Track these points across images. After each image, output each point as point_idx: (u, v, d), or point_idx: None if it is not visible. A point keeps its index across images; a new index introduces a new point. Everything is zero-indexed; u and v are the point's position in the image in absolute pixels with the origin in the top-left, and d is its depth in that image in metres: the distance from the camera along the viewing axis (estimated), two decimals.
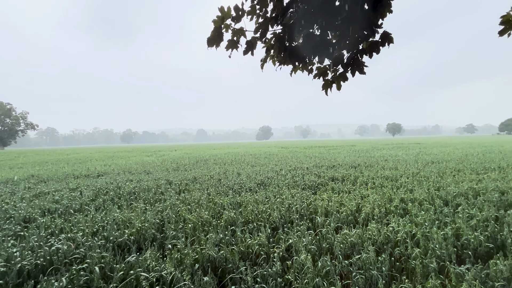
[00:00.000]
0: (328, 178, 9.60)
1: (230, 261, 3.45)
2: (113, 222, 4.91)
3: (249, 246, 3.94)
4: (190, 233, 4.39)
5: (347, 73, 3.55)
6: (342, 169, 11.85)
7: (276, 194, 7.13)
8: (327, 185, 8.42)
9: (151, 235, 4.32)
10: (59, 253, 3.62)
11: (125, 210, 5.83)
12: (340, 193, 7.34)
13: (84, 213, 5.85)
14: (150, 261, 3.27)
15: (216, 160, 17.96)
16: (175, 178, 10.30)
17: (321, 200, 6.48)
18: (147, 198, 6.94)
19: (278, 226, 4.92)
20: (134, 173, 12.76)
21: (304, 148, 33.03)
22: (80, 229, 4.62)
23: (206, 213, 5.33)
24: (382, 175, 9.70)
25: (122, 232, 4.38)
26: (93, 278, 2.98)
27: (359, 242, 4.12)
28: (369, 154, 20.48)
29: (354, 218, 5.44)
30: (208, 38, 2.57)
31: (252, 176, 10.18)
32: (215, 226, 4.71)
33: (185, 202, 6.43)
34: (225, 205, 6.06)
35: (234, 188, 8.12)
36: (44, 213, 6.02)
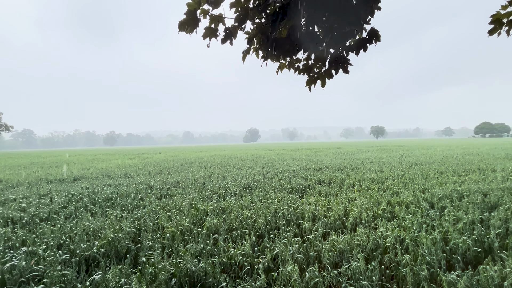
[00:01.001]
0: (315, 181, 9.47)
1: (211, 275, 3.14)
2: (83, 233, 4.46)
3: (232, 256, 3.65)
4: (168, 244, 4.04)
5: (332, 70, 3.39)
6: (329, 171, 11.79)
7: (262, 199, 6.87)
8: (314, 188, 8.27)
9: (125, 246, 3.93)
10: (14, 271, 3.18)
11: (98, 218, 5.38)
12: (327, 197, 7.19)
13: (51, 223, 5.34)
14: (119, 278, 2.91)
15: (201, 163, 17.50)
16: (157, 182, 9.82)
17: (308, 204, 6.29)
18: (125, 205, 6.48)
19: (263, 233, 4.66)
20: (114, 177, 12.11)
21: (291, 151, 33.06)
22: (44, 241, 4.15)
23: (187, 220, 4.98)
24: (368, 178, 9.69)
25: (92, 243, 3.96)
26: None
27: (348, 249, 3.93)
28: (354, 157, 20.70)
29: (342, 222, 5.28)
30: (180, 21, 2.29)
31: (238, 180, 9.87)
32: (196, 235, 4.38)
33: (165, 209, 6.05)
34: (208, 211, 5.73)
35: (219, 192, 7.79)
36: (6, 223, 5.45)
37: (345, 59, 3.11)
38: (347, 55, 3.18)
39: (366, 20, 2.89)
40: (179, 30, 2.31)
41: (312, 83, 3.50)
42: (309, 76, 3.53)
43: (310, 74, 3.52)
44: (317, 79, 3.52)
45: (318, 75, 3.44)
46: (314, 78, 3.49)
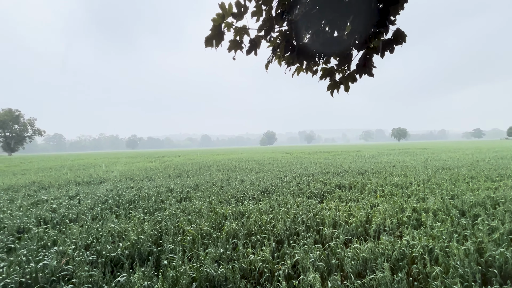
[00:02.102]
0: (334, 185, 9.24)
1: (231, 280, 3.14)
2: (108, 234, 4.64)
3: (252, 262, 3.62)
4: (188, 247, 4.10)
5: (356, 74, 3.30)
6: (349, 175, 11.46)
7: (280, 203, 6.80)
8: (333, 193, 8.07)
9: (147, 249, 4.03)
10: (46, 270, 3.36)
11: (122, 220, 5.57)
12: (348, 202, 6.98)
13: (79, 223, 5.61)
14: (142, 281, 2.98)
15: (219, 167, 17.70)
16: (177, 185, 10.05)
17: (328, 210, 6.14)
18: (147, 207, 6.68)
19: (283, 239, 4.59)
20: (136, 179, 12.55)
21: (309, 154, 32.60)
22: (73, 242, 4.36)
23: (207, 224, 5.03)
24: (391, 182, 9.30)
25: (117, 245, 4.10)
26: None
27: (372, 258, 3.78)
28: (375, 160, 20.01)
29: (364, 229, 5.09)
30: (207, 37, 2.32)
31: (255, 183, 9.86)
32: (215, 239, 4.41)
33: (185, 212, 6.15)
34: (227, 215, 5.75)
35: (237, 196, 7.82)
36: (39, 223, 5.79)
37: (370, 62, 3.02)
38: (371, 58, 3.08)
39: (392, 20, 2.79)
40: (205, 46, 2.35)
41: (334, 88, 3.42)
42: (331, 80, 3.46)
43: (332, 79, 3.44)
44: (340, 84, 3.44)
45: (341, 79, 3.35)
46: (336, 83, 3.41)
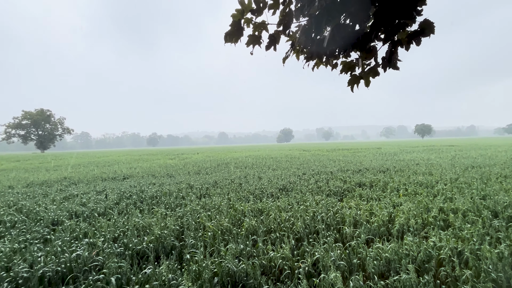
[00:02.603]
0: (354, 183, 9.02)
1: (252, 276, 3.18)
2: (134, 228, 4.86)
3: (272, 259, 3.65)
4: (209, 242, 4.20)
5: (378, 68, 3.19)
6: (370, 173, 11.14)
7: (299, 201, 6.76)
8: (354, 191, 7.89)
9: (170, 243, 4.18)
10: (79, 260, 3.59)
11: (146, 215, 5.81)
12: (369, 201, 6.80)
13: (107, 217, 5.92)
14: (167, 274, 3.10)
15: (237, 164, 17.87)
16: (196, 182, 10.28)
17: (348, 208, 6.02)
18: (168, 203, 6.91)
19: (302, 237, 4.57)
20: (157, 176, 12.99)
21: (327, 151, 32.02)
22: (102, 235, 4.61)
23: (226, 220, 5.12)
24: (415, 181, 8.92)
25: (142, 239, 4.30)
26: None
27: (395, 259, 3.66)
28: (397, 157, 19.27)
29: (387, 229, 4.94)
30: (226, 33, 2.35)
31: (273, 181, 9.86)
32: (235, 235, 4.48)
33: (205, 208, 6.29)
34: (245, 212, 5.82)
35: (255, 193, 7.87)
36: (71, 216, 6.18)
37: (395, 55, 2.90)
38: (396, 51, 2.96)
39: (419, 11, 2.66)
40: (225, 41, 2.38)
41: (355, 83, 3.33)
42: (351, 75, 3.37)
43: (353, 73, 3.35)
44: (360, 79, 3.34)
45: (362, 73, 3.26)
46: (357, 77, 3.32)
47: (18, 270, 3.40)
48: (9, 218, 5.94)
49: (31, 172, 17.02)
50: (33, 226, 5.42)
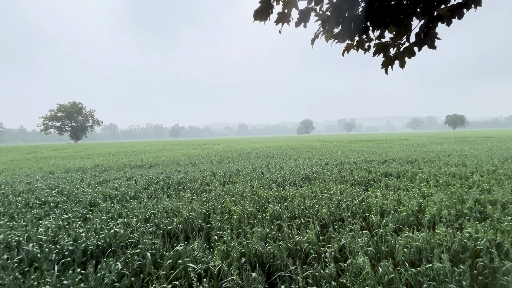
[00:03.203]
0: (380, 174, 8.73)
1: (278, 258, 3.23)
2: (163, 210, 5.11)
3: (297, 243, 3.67)
4: (235, 225, 4.31)
5: (414, 47, 3.00)
6: (396, 164, 10.70)
7: (323, 189, 6.69)
8: (379, 182, 7.64)
9: (198, 225, 4.35)
10: (117, 237, 3.85)
11: (173, 199, 6.07)
12: (396, 191, 6.57)
13: (138, 200, 6.26)
14: (197, 252, 3.24)
15: (257, 154, 17.97)
16: (219, 170, 10.51)
17: (374, 198, 5.86)
18: (194, 188, 7.15)
19: (327, 224, 4.55)
20: (182, 164, 13.44)
21: (350, 142, 31.13)
22: (135, 215, 4.90)
23: (251, 205, 5.21)
24: (447, 172, 8.45)
25: (171, 220, 4.51)
26: (145, 264, 3.06)
27: (427, 248, 3.53)
28: (426, 149, 18.28)
29: (417, 219, 4.76)
30: (256, 10, 2.33)
31: (295, 170, 9.82)
32: (260, 219, 4.55)
33: (229, 194, 6.44)
34: (269, 198, 5.87)
35: (278, 181, 7.90)
36: (105, 199, 6.61)
37: (433, 32, 2.71)
38: (435, 27, 2.76)
39: None
40: (254, 19, 2.36)
41: (389, 65, 3.17)
42: (385, 56, 3.21)
43: (386, 54, 3.19)
44: (395, 59, 3.18)
45: (397, 54, 3.09)
46: (391, 59, 3.15)
47: (64, 244, 3.73)
48: (52, 199, 6.49)
49: (67, 160, 18.35)
50: (73, 207, 5.88)
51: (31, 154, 25.92)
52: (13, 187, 8.37)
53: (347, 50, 3.55)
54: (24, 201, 6.45)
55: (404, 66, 3.16)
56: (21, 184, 8.82)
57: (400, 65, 3.16)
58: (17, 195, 7.15)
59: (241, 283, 2.57)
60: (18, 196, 7.00)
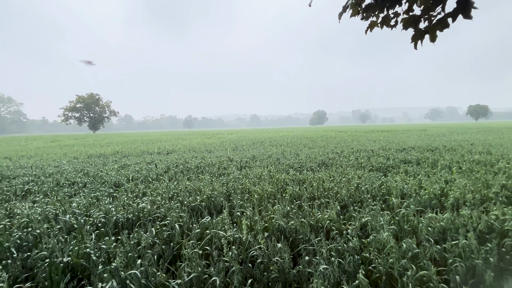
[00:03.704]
0: (399, 160, 8.57)
1: (301, 233, 3.31)
2: (185, 190, 5.29)
3: (319, 220, 3.73)
4: (256, 204, 4.42)
5: (448, 18, 2.88)
6: (415, 152, 10.44)
7: (340, 174, 6.67)
8: (398, 168, 7.51)
9: (220, 202, 4.49)
10: (144, 211, 4.05)
11: (194, 181, 6.25)
12: (416, 177, 6.44)
13: (160, 182, 6.50)
14: (222, 225, 3.37)
15: (272, 142, 18.00)
16: (235, 156, 10.66)
17: (394, 182, 5.79)
18: (212, 172, 7.32)
19: (347, 205, 4.57)
20: (198, 151, 13.71)
21: (365, 132, 30.48)
22: (159, 194, 5.11)
23: (270, 187, 5.29)
24: (471, 159, 8.17)
25: (194, 198, 4.67)
26: (174, 234, 3.22)
27: (451, 228, 3.50)
28: (447, 138, 17.63)
29: (439, 202, 4.68)
30: None
31: (311, 157, 9.81)
32: (279, 199, 4.64)
33: (247, 177, 6.55)
34: (287, 181, 5.93)
35: (294, 166, 7.94)
36: (128, 180, 6.90)
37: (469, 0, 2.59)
38: None
39: None
40: None
41: (419, 39, 3.07)
42: (415, 30, 3.11)
43: (417, 28, 3.09)
44: (425, 33, 3.07)
45: (428, 27, 2.98)
46: (422, 32, 3.05)
47: (96, 216, 3.98)
48: (80, 180, 6.85)
49: (89, 147, 19.14)
50: (100, 187, 6.20)
51: (55, 142, 27.20)
52: (43, 169, 8.88)
53: (370, 28, 3.46)
54: (55, 181, 6.85)
55: (435, 40, 3.05)
56: (50, 167, 9.34)
57: (431, 39, 3.06)
58: (47, 176, 7.60)
59: (268, 252, 2.67)
60: (49, 177, 7.44)
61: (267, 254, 2.64)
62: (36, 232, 3.41)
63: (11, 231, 3.49)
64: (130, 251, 2.83)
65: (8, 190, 6.11)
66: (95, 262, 2.65)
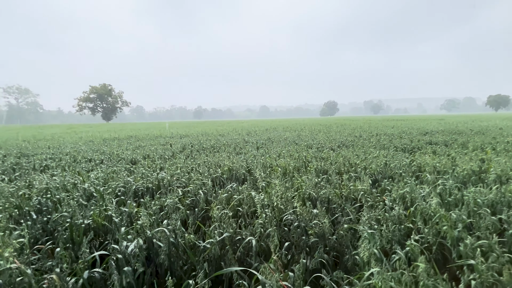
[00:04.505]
0: (424, 142, 8.09)
1: (334, 202, 3.04)
2: (204, 164, 5.10)
3: (351, 191, 3.45)
4: (280, 176, 4.17)
5: None
6: (440, 135, 9.88)
7: (364, 153, 6.32)
8: (425, 149, 7.07)
9: (242, 174, 4.27)
10: (164, 181, 3.88)
11: (212, 157, 6.06)
12: (447, 156, 6.01)
13: (175, 160, 6.35)
14: (248, 191, 3.14)
15: (285, 128, 17.65)
16: (250, 138, 10.42)
17: (424, 160, 5.40)
18: (229, 151, 7.11)
19: (378, 179, 4.25)
20: (211, 135, 13.56)
21: (379, 121, 29.58)
22: (177, 167, 4.94)
23: (293, 161, 5.02)
24: (505, 141, 7.60)
25: (215, 170, 4.47)
26: (198, 200, 3.02)
27: (503, 201, 3.14)
28: (469, 126, 16.76)
29: (479, 179, 4.29)
30: None
31: (330, 138, 9.44)
32: (304, 172, 4.37)
33: (265, 155, 6.30)
34: (309, 158, 5.64)
35: (313, 147, 7.62)
36: (145, 158, 6.79)
37: None
38: None
39: None
40: None
41: None
42: None
43: None
44: None
45: None
46: None
47: (116, 186, 3.83)
48: (96, 157, 6.80)
49: (103, 133, 19.37)
50: (117, 163, 6.10)
51: (71, 129, 27.80)
52: (60, 149, 8.93)
53: None
54: (72, 158, 6.82)
55: None
56: (67, 148, 9.40)
57: None
58: (65, 155, 7.60)
59: (304, 217, 2.42)
60: (66, 156, 7.44)
61: (303, 218, 2.39)
62: (56, 198, 3.30)
63: (30, 197, 3.39)
64: (154, 214, 2.65)
65: (27, 165, 6.11)
66: (117, 224, 2.48)
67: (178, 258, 1.95)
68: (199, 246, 2.01)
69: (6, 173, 5.41)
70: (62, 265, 1.83)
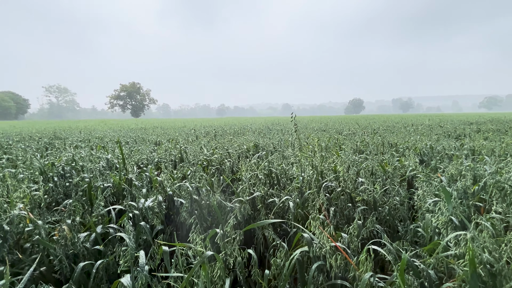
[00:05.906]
0: (471, 130, 7.21)
1: (379, 176, 2.62)
2: (228, 143, 4.86)
3: (397, 167, 2.98)
4: (311, 154, 3.79)
5: None
6: (490, 125, 8.82)
7: (403, 138, 5.71)
8: (474, 136, 6.25)
9: (270, 151, 3.95)
10: (190, 156, 3.68)
11: (236, 137, 5.82)
12: (503, 141, 5.22)
13: (200, 140, 6.19)
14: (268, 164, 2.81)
15: (310, 121, 17.06)
16: (274, 127, 10.08)
17: (478, 144, 4.71)
18: (253, 135, 6.84)
19: (426, 160, 3.71)
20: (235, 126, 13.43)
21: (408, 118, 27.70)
22: (203, 146, 4.75)
23: (325, 141, 4.61)
24: None
25: (240, 147, 4.20)
26: (224, 169, 2.75)
27: None
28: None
29: None
30: None
31: (361, 127, 8.81)
32: (338, 152, 3.94)
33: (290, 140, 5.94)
34: (341, 140, 5.18)
35: (345, 133, 7.10)
36: (168, 140, 6.73)
37: None
38: None
39: None
40: None
41: None
42: None
43: None
44: None
45: None
46: None
47: (140, 158, 3.70)
48: (124, 139, 6.86)
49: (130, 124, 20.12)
50: (140, 145, 6.08)
51: (103, 123, 29.36)
52: (91, 134, 9.25)
53: None
54: (100, 140, 6.95)
55: None
56: (97, 134, 9.73)
57: None
58: (94, 138, 7.81)
59: (348, 184, 2.04)
60: (96, 139, 7.63)
61: (347, 186, 2.01)
62: (79, 165, 3.21)
63: (55, 165, 3.34)
64: (175, 180, 2.42)
65: (59, 145, 6.30)
66: (138, 187, 2.27)
67: (202, 218, 1.67)
68: (225, 207, 1.72)
69: (39, 150, 5.59)
70: (74, 217, 1.63)
